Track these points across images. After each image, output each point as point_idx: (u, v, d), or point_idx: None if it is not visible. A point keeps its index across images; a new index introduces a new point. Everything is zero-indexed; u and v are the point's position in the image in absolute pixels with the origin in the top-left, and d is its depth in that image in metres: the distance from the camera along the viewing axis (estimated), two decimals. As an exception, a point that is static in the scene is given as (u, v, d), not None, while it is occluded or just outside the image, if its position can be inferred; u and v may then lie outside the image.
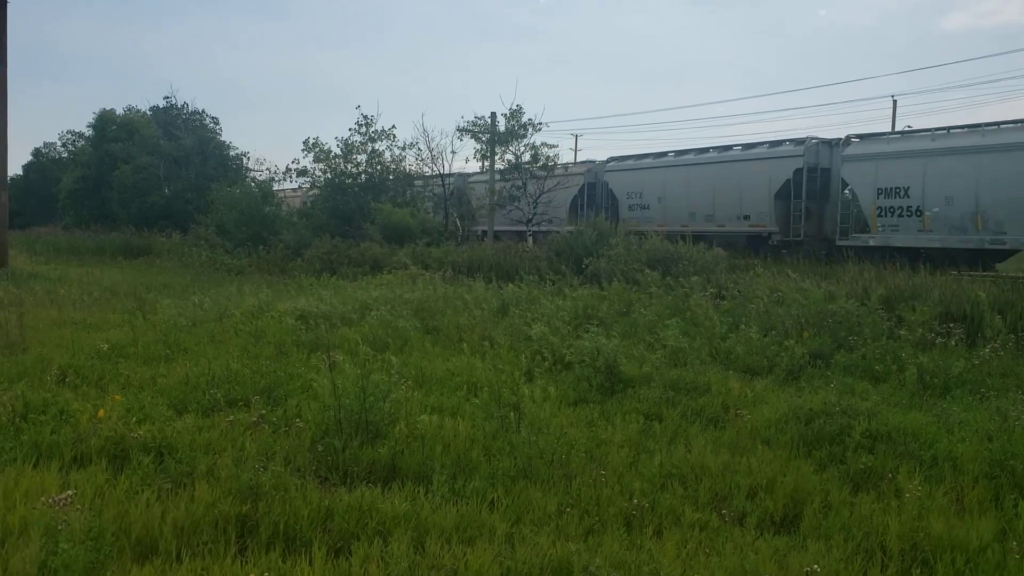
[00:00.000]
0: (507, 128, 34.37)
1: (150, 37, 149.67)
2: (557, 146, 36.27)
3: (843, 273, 17.02)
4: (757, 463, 6.72)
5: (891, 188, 24.43)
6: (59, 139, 66.79)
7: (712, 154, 31.66)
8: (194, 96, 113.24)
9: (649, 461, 6.79)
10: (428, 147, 35.53)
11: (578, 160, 35.75)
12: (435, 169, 35.52)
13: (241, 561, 4.84)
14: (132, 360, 10.27)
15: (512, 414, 7.63)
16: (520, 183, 34.58)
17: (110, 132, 49.17)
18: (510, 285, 17.47)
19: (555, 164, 35.32)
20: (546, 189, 34.06)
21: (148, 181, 44.27)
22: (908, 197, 24.05)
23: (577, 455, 6.79)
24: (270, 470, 5.95)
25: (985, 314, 12.37)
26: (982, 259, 22.42)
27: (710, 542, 5.28)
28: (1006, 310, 12.56)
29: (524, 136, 34.33)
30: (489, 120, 34.77)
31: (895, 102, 49.68)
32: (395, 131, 34.70)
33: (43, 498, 5.09)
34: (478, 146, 35.26)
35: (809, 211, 27.52)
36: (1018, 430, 7.26)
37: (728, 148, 31.61)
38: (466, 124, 34.96)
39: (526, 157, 34.48)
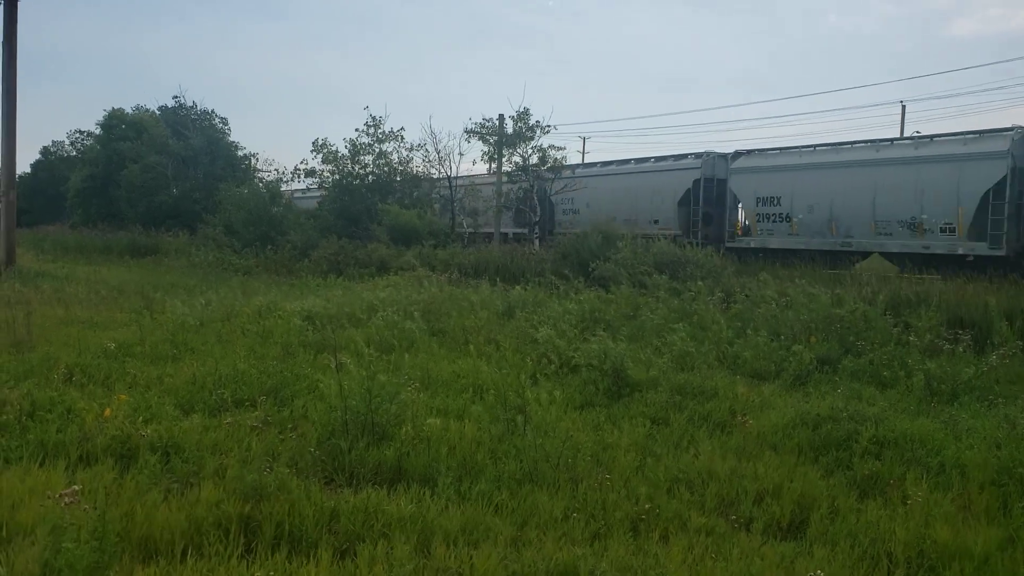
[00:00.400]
0: (515, 130, 34.37)
1: (154, 37, 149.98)
2: (565, 148, 36.27)
3: (850, 279, 17.02)
4: (764, 468, 6.70)
5: (767, 197, 28.38)
6: (67, 138, 67.14)
7: (631, 165, 34.83)
8: (202, 96, 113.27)
9: (656, 465, 6.77)
10: (436, 149, 35.59)
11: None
12: (442, 171, 35.57)
13: (247, 562, 4.83)
14: (139, 359, 10.28)
15: (518, 417, 7.62)
16: (528, 185, 34.59)
17: (119, 131, 49.36)
18: (516, 288, 17.46)
19: (562, 166, 35.38)
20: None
21: (156, 180, 44.42)
22: (780, 205, 27.99)
23: (583, 459, 6.77)
24: (275, 471, 5.95)
25: (994, 321, 12.33)
26: (839, 259, 25.32)
27: (716, 547, 5.26)
28: (1014, 317, 12.51)
29: (532, 138, 34.34)
30: (497, 122, 34.79)
31: (904, 107, 49.55)
32: (403, 132, 34.81)
33: (48, 492, 5.09)
34: (485, 148, 35.28)
35: (709, 216, 30.68)
36: (1026, 438, 7.22)
37: (645, 160, 34.71)
38: (474, 126, 35.02)
39: (533, 159, 34.48)
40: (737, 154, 30.47)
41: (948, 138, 24.80)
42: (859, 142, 27.09)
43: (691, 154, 32.35)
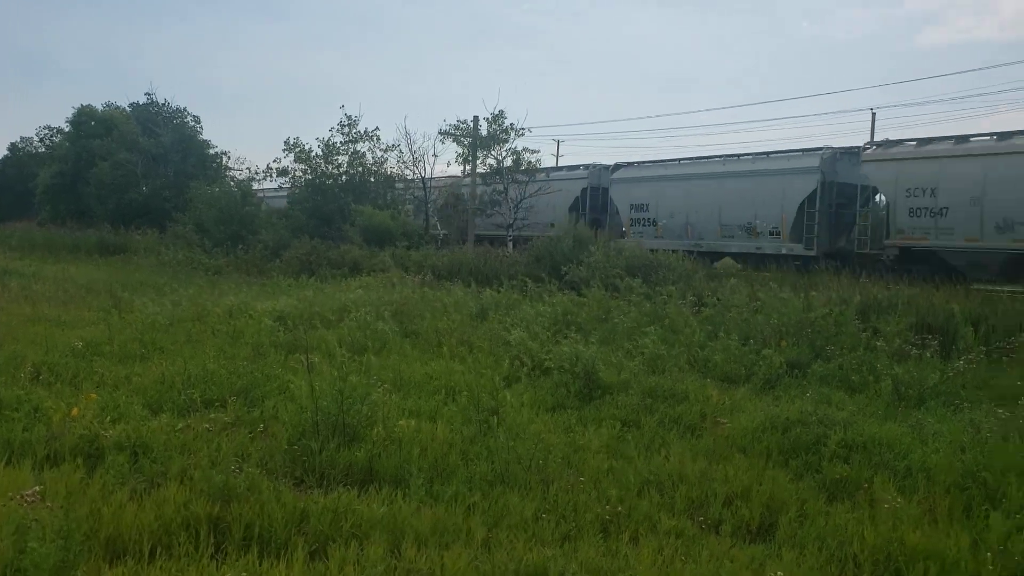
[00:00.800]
0: (489, 132, 34.39)
1: (137, 37, 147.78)
2: (539, 151, 36.57)
3: (821, 285, 17.19)
4: (734, 471, 6.75)
5: (639, 205, 32.15)
6: (36, 134, 66.07)
7: (540, 174, 37.30)
8: (174, 94, 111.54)
9: (626, 468, 6.80)
10: (410, 150, 35.55)
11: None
12: (417, 172, 35.50)
13: (217, 562, 4.80)
14: (107, 358, 10.17)
15: (491, 419, 7.63)
16: (502, 187, 34.62)
17: (88, 128, 48.67)
18: (489, 290, 17.47)
19: (537, 169, 35.58)
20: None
21: (126, 178, 43.81)
22: (648, 211, 31.67)
23: (554, 461, 6.79)
24: (245, 471, 5.92)
25: (959, 327, 12.51)
26: (695, 259, 27.81)
27: (686, 549, 5.29)
28: (979, 323, 12.70)
29: (506, 140, 34.39)
30: (471, 124, 34.76)
31: (874, 115, 50.21)
32: (379, 132, 34.66)
33: (11, 493, 5.02)
34: (460, 150, 35.28)
35: (596, 221, 33.09)
36: (990, 442, 7.34)
37: (544, 169, 37.96)
38: (448, 127, 34.99)
39: (508, 162, 34.51)
40: (617, 166, 34.22)
41: (778, 155, 28.96)
42: (712, 157, 31.36)
43: (581, 165, 36.17)
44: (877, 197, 26.50)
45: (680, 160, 32.28)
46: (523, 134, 34.59)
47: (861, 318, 13.06)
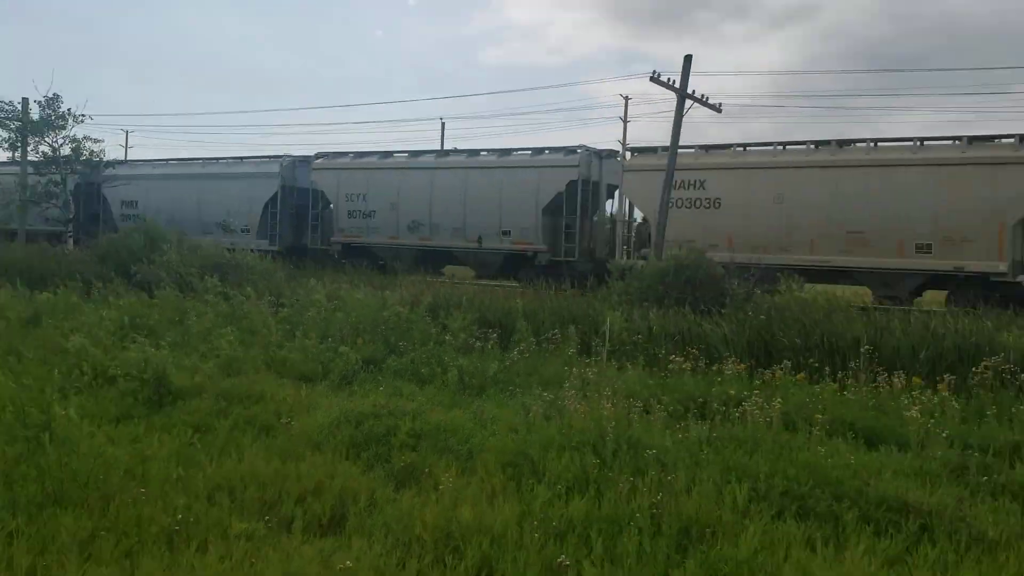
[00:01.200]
0: (42, 117, 31.01)
1: None
2: (103, 141, 33.94)
3: (398, 284, 18.01)
4: (307, 468, 6.82)
5: (129, 201, 34.37)
6: None
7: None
8: None
9: (196, 474, 6.57)
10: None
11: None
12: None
13: None
14: None
15: (42, 435, 6.92)
16: (59, 178, 31.41)
17: None
18: (44, 292, 15.83)
19: (101, 160, 32.88)
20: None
21: None
22: (137, 208, 33.60)
23: (116, 474, 6.36)
24: None
25: (517, 320, 13.85)
26: None
27: (256, 551, 5.25)
28: (531, 317, 14.16)
29: (63, 127, 31.26)
30: (20, 107, 31.04)
31: (443, 124, 53.65)
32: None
33: None
34: (6, 135, 31.36)
35: (96, 217, 35.50)
36: (536, 423, 8.23)
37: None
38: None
39: (66, 150, 31.41)
40: (108, 163, 35.06)
41: (249, 160, 32.50)
42: (194, 159, 35.14)
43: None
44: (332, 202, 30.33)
45: (167, 161, 35.58)
46: (82, 121, 31.78)
47: (431, 315, 13.90)
